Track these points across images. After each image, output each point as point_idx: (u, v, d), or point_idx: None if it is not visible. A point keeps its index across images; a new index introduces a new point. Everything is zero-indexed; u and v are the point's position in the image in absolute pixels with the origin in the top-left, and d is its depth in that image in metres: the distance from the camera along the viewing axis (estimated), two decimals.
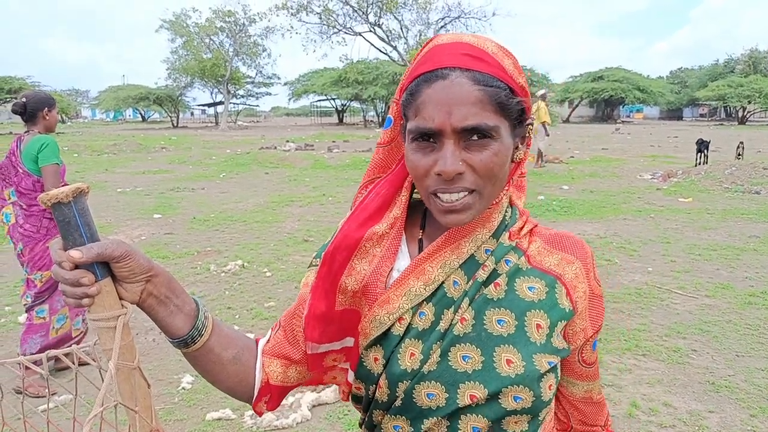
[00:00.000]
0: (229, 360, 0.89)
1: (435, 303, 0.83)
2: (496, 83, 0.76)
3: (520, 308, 0.82)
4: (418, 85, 0.77)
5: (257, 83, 48.59)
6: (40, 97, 3.54)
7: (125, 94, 48.02)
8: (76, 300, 0.71)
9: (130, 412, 0.75)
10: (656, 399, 3.18)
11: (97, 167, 15.32)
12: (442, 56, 0.77)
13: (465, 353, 0.80)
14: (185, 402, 3.19)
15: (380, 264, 0.86)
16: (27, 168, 3.42)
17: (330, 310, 0.86)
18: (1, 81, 33.14)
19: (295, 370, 0.93)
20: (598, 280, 0.89)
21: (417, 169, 0.78)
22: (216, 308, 4.65)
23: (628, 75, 48.29)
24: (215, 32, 41.03)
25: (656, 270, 5.53)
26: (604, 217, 8.07)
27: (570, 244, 0.88)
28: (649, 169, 12.95)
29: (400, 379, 0.82)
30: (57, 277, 0.70)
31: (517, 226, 0.88)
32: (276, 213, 8.76)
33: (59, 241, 0.71)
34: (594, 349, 0.92)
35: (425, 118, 0.75)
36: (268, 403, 0.95)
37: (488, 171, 0.76)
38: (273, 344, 0.94)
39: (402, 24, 25.30)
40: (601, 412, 0.99)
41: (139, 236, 7.34)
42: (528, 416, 0.81)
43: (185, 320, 0.82)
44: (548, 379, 0.81)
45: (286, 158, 16.39)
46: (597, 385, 0.96)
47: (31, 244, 3.50)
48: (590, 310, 0.87)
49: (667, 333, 4.05)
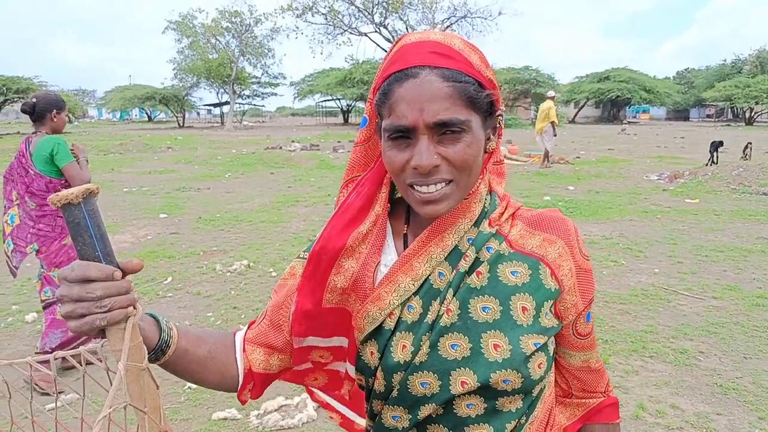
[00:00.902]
0: (206, 356, 0.91)
1: (422, 296, 0.86)
2: (465, 78, 0.79)
3: (504, 294, 0.84)
4: (390, 85, 0.80)
5: (263, 83, 48.75)
6: (49, 99, 3.54)
7: (131, 94, 48.22)
8: (122, 311, 0.71)
9: (139, 413, 0.75)
10: (663, 401, 3.16)
11: (103, 167, 15.38)
12: (411, 55, 0.79)
13: (453, 342, 0.83)
14: (191, 401, 3.20)
15: (367, 260, 0.89)
16: (38, 169, 3.44)
17: (316, 307, 0.89)
18: (9, 81, 33.33)
19: (277, 358, 0.96)
20: (586, 254, 0.90)
21: (394, 164, 0.82)
22: (221, 308, 4.66)
23: (634, 75, 48.06)
24: (221, 32, 41.17)
25: (663, 271, 5.50)
26: (610, 218, 8.04)
27: (551, 224, 0.89)
28: (655, 169, 12.89)
29: (395, 370, 0.86)
30: (113, 290, 0.70)
31: (497, 212, 0.90)
32: (281, 213, 8.77)
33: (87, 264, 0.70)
34: (588, 321, 0.94)
35: (399, 116, 0.78)
36: (252, 391, 0.97)
37: (462, 162, 0.80)
38: (257, 333, 0.97)
39: (407, 24, 25.27)
40: (601, 379, 1.02)
41: (144, 236, 7.36)
42: (521, 395, 0.85)
43: (151, 331, 0.83)
44: (536, 358, 0.84)
45: (292, 158, 16.41)
46: (594, 354, 0.99)
47: (47, 243, 3.53)
48: (579, 285, 0.89)
49: (674, 335, 4.03)
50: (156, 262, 6.04)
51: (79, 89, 76.65)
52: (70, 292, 0.69)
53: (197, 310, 4.62)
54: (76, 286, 0.69)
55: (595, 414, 1.03)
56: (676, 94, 51.92)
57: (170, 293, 5.06)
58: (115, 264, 0.72)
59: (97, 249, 0.70)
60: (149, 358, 0.83)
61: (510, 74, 40.09)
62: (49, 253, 3.53)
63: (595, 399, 1.03)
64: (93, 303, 0.68)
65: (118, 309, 0.70)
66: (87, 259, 0.70)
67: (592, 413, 1.03)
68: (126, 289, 0.71)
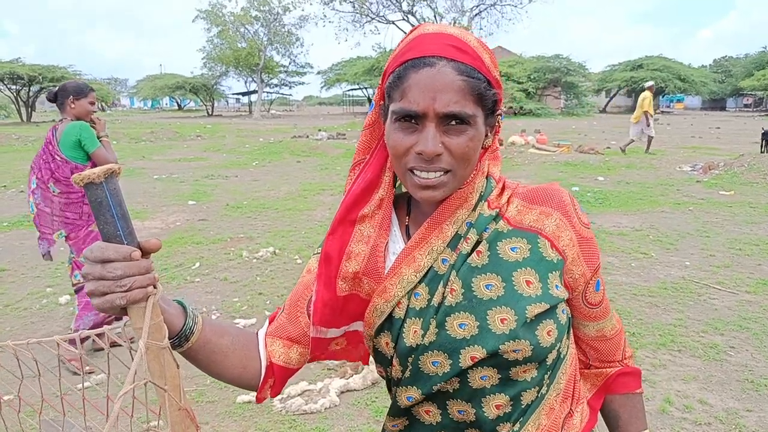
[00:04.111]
0: (228, 346, 0.93)
1: (427, 282, 0.89)
2: (477, 75, 0.82)
3: (506, 270, 0.86)
4: (406, 70, 0.82)
5: (290, 72, 48.93)
6: (68, 86, 3.61)
7: (162, 83, 48.97)
8: (142, 290, 0.72)
9: (159, 391, 0.76)
10: (691, 396, 3.10)
11: (134, 154, 15.68)
12: (430, 45, 0.82)
13: (461, 321, 0.85)
14: (217, 384, 3.25)
15: (376, 242, 0.92)
16: (65, 155, 3.52)
17: (333, 296, 0.92)
18: (45, 70, 34.11)
19: (296, 351, 0.98)
20: (586, 223, 0.92)
21: (397, 147, 0.84)
22: (247, 294, 4.72)
23: (668, 64, 46.68)
24: (250, 21, 41.41)
25: (694, 264, 5.38)
26: (641, 209, 7.88)
27: (545, 197, 0.91)
28: (689, 160, 12.55)
29: (408, 354, 0.89)
30: (133, 270, 0.71)
31: (494, 193, 0.92)
32: (307, 201, 8.83)
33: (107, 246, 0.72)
34: (598, 290, 0.95)
35: (410, 101, 0.81)
36: (272, 388, 0.99)
37: (463, 154, 0.83)
38: (276, 326, 1.00)
39: (436, 12, 25.00)
40: (618, 348, 1.04)
41: (174, 222, 7.49)
42: (534, 364, 0.87)
43: (177, 317, 0.86)
44: (545, 326, 0.85)
45: (318, 147, 16.48)
46: (608, 323, 1.00)
47: (75, 230, 3.62)
48: (583, 253, 0.90)
49: (704, 329, 3.94)
50: (184, 248, 6.15)
51: (111, 78, 78.02)
52: (93, 270, 0.71)
53: (224, 295, 4.70)
54: (97, 266, 0.71)
55: (612, 382, 1.04)
56: (712, 83, 50.29)
57: (198, 278, 5.15)
58: (135, 243, 0.73)
59: (118, 227, 0.72)
60: (173, 344, 0.85)
61: (540, 63, 39.41)
62: (78, 239, 3.62)
63: (612, 368, 1.04)
64: (113, 282, 0.70)
65: (137, 288, 0.71)
66: (109, 237, 0.72)
67: (609, 382, 1.04)
68: (146, 269, 0.73)
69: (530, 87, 37.63)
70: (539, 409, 0.91)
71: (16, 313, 4.36)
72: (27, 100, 34.95)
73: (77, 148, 3.51)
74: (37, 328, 4.08)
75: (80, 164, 3.54)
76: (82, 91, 3.58)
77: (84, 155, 3.55)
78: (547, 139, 16.29)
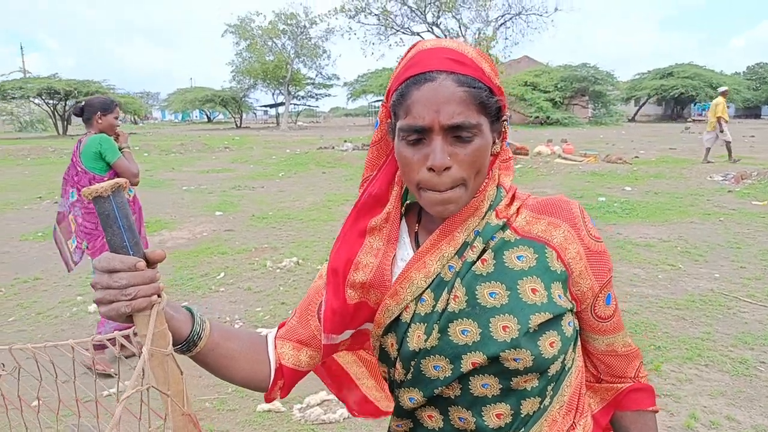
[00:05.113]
0: (237, 349, 0.95)
1: (433, 288, 0.91)
2: (478, 84, 0.84)
3: (511, 278, 0.87)
4: (408, 87, 0.84)
5: (317, 84, 49.43)
6: (95, 102, 3.72)
7: (192, 96, 49.98)
8: (146, 299, 0.75)
9: (163, 396, 0.79)
10: (718, 412, 3.02)
11: (164, 166, 16.04)
12: (429, 60, 0.84)
13: (464, 327, 0.87)
14: (238, 393, 3.30)
15: (385, 255, 0.94)
16: (85, 166, 3.63)
17: (343, 304, 0.94)
18: (80, 84, 35.20)
19: (306, 354, 1.00)
20: (596, 236, 0.92)
21: (408, 163, 0.86)
22: (270, 303, 4.78)
23: (699, 71, 45.77)
24: (277, 35, 42.00)
25: (724, 276, 5.24)
26: (669, 220, 7.72)
27: (555, 208, 0.92)
28: (720, 170, 12.25)
29: (411, 358, 0.91)
30: (138, 280, 0.74)
31: (503, 203, 0.93)
32: (331, 212, 8.89)
33: (112, 255, 0.75)
34: (608, 304, 0.95)
35: (415, 116, 0.82)
36: (282, 390, 1.01)
37: (472, 164, 0.84)
38: (287, 330, 1.03)
39: (460, 23, 25.01)
40: (629, 365, 1.02)
41: (200, 232, 7.63)
42: (535, 374, 0.87)
43: (185, 323, 0.88)
44: (547, 336, 0.86)
45: (343, 158, 16.60)
46: (619, 338, 1.00)
47: (92, 240, 3.72)
48: (591, 267, 0.90)
49: (733, 343, 3.83)
50: (210, 258, 6.26)
51: (143, 92, 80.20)
52: (100, 280, 0.75)
53: (247, 305, 4.76)
54: (104, 275, 0.74)
55: (623, 398, 1.03)
56: (745, 90, 49.07)
57: (222, 288, 5.24)
58: (141, 254, 0.77)
59: (124, 239, 0.75)
60: (182, 349, 0.88)
61: (566, 72, 39.07)
62: (95, 249, 3.70)
63: (624, 384, 1.03)
64: (119, 291, 0.74)
65: (141, 297, 0.75)
66: (115, 247, 0.75)
67: (620, 397, 1.03)
68: (150, 279, 0.76)
69: (557, 96, 37.31)
70: (541, 421, 0.91)
71: (47, 321, 4.50)
72: (63, 114, 36.07)
73: (97, 159, 3.61)
74: (67, 335, 4.19)
75: (98, 175, 3.63)
76: (109, 107, 3.70)
77: (103, 166, 3.64)
78: (573, 149, 16.11)
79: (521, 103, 37.15)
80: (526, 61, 42.95)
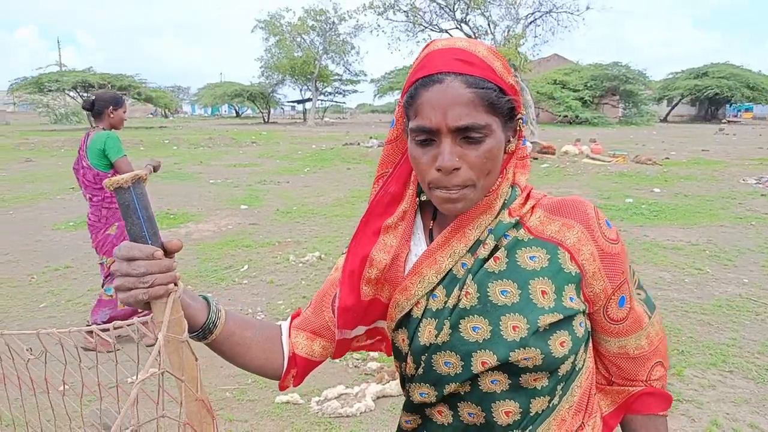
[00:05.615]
0: (251, 338, 0.98)
1: (445, 285, 0.92)
2: (487, 85, 0.83)
3: (522, 278, 0.87)
4: (417, 89, 0.85)
5: (344, 81, 49.61)
6: (107, 96, 3.79)
7: (222, 91, 50.65)
8: (163, 287, 0.78)
9: (178, 382, 0.82)
10: (741, 419, 2.96)
11: (192, 159, 16.31)
12: (437, 61, 0.85)
13: (475, 324, 0.88)
14: (257, 383, 3.35)
15: (398, 252, 0.96)
16: (90, 162, 3.70)
17: (357, 301, 0.96)
18: (113, 78, 35.99)
19: (319, 345, 1.03)
20: (611, 238, 0.91)
21: (419, 164, 0.87)
22: (291, 297, 4.83)
23: (736, 71, 44.44)
24: (306, 31, 42.24)
25: (753, 282, 5.12)
26: (698, 223, 7.56)
27: (569, 209, 0.91)
28: (754, 173, 11.93)
29: (422, 352, 0.92)
30: (155, 268, 0.77)
31: (517, 202, 0.93)
32: (354, 208, 8.94)
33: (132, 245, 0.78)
34: (621, 306, 0.94)
35: (424, 118, 0.84)
36: (295, 378, 1.04)
37: (481, 165, 0.85)
38: (302, 320, 1.05)
39: (489, 20, 24.72)
40: (642, 368, 1.01)
41: (226, 225, 7.75)
42: (545, 373, 0.88)
43: (201, 311, 0.91)
44: (558, 336, 0.86)
45: (368, 154, 16.66)
46: (632, 341, 0.98)
47: (95, 232, 3.79)
48: (605, 268, 0.90)
49: (759, 350, 3.75)
50: (234, 251, 6.36)
51: (175, 86, 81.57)
52: (120, 267, 0.78)
53: (269, 298, 4.83)
54: (124, 263, 0.78)
55: (635, 401, 1.02)
56: None
57: (245, 280, 5.32)
58: (158, 244, 0.80)
59: (144, 229, 0.78)
60: (198, 336, 0.91)
61: (597, 70, 38.43)
62: (98, 241, 3.78)
63: (635, 387, 1.02)
64: (137, 279, 0.77)
65: (159, 285, 0.78)
66: (135, 237, 0.79)
67: (632, 401, 1.02)
68: (168, 267, 0.79)
69: (587, 95, 36.76)
70: (550, 419, 0.92)
71: (76, 308, 4.63)
72: None
73: (102, 156, 3.67)
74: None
75: (102, 171, 3.69)
76: (119, 102, 3.79)
77: (107, 163, 3.70)
78: (602, 149, 15.86)
79: (550, 101, 36.67)
80: (556, 59, 42.38)
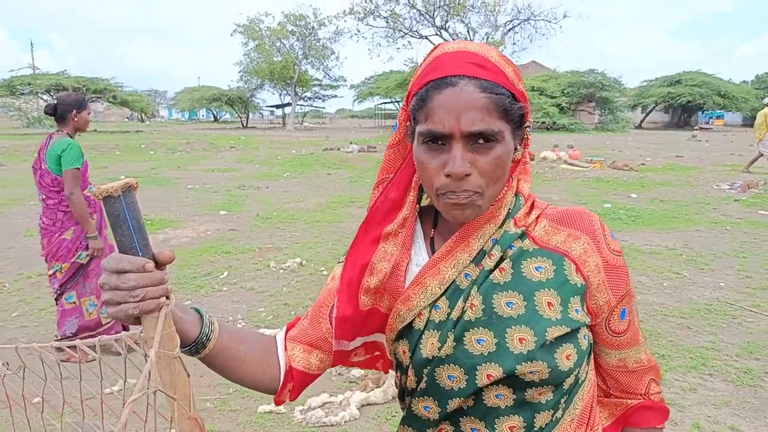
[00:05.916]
0: (246, 352, 0.94)
1: (448, 296, 0.89)
2: (500, 90, 0.81)
3: (528, 289, 0.85)
4: (428, 91, 0.82)
5: (324, 86, 49.55)
6: (70, 100, 3.69)
7: (199, 95, 50.08)
8: (154, 301, 0.74)
9: (170, 400, 0.79)
10: (722, 422, 3.00)
11: (170, 164, 16.07)
12: (450, 64, 0.82)
13: (479, 337, 0.85)
14: (239, 393, 3.29)
15: (398, 261, 0.93)
16: (48, 166, 3.61)
17: (356, 311, 0.93)
18: (89, 82, 35.40)
19: (317, 357, 0.99)
20: (616, 250, 0.90)
21: (427, 169, 0.84)
22: (273, 304, 4.77)
23: (707, 79, 45.52)
24: (286, 36, 42.11)
25: (729, 285, 5.21)
26: (675, 228, 7.69)
27: (575, 220, 0.90)
28: (727, 178, 12.19)
29: (424, 365, 0.89)
30: (146, 281, 0.73)
31: (522, 212, 0.91)
32: (336, 213, 8.89)
33: (121, 256, 0.74)
34: (623, 318, 0.93)
35: (435, 122, 0.81)
36: (291, 392, 0.99)
37: (492, 172, 0.82)
38: (298, 331, 1.01)
39: (469, 27, 24.96)
40: (640, 381, 1.01)
41: (205, 231, 7.64)
42: (550, 387, 0.86)
43: (193, 325, 0.87)
44: (564, 349, 0.85)
45: (349, 159, 16.62)
46: (632, 354, 0.98)
47: (47, 236, 3.66)
48: (609, 280, 0.89)
49: (738, 353, 3.81)
50: (213, 257, 6.27)
51: (151, 90, 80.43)
52: (109, 281, 0.73)
53: (250, 305, 4.76)
54: (113, 276, 0.73)
55: (632, 414, 1.02)
56: (754, 99, 48.80)
57: (225, 287, 5.24)
58: (150, 255, 0.76)
59: (134, 240, 0.74)
60: (190, 351, 0.87)
61: (574, 77, 38.97)
62: (51, 247, 3.65)
63: (633, 400, 1.01)
64: (127, 293, 0.73)
65: (150, 299, 0.73)
66: (125, 248, 0.74)
67: (629, 413, 1.02)
68: (159, 280, 0.75)
69: (564, 102, 37.21)
70: None
71: (49, 317, 4.48)
72: None
73: (58, 162, 3.56)
74: None
75: (59, 176, 3.58)
76: (83, 104, 3.69)
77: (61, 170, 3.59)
78: (579, 155, 16.05)
79: None
80: (534, 66, 42.92)
